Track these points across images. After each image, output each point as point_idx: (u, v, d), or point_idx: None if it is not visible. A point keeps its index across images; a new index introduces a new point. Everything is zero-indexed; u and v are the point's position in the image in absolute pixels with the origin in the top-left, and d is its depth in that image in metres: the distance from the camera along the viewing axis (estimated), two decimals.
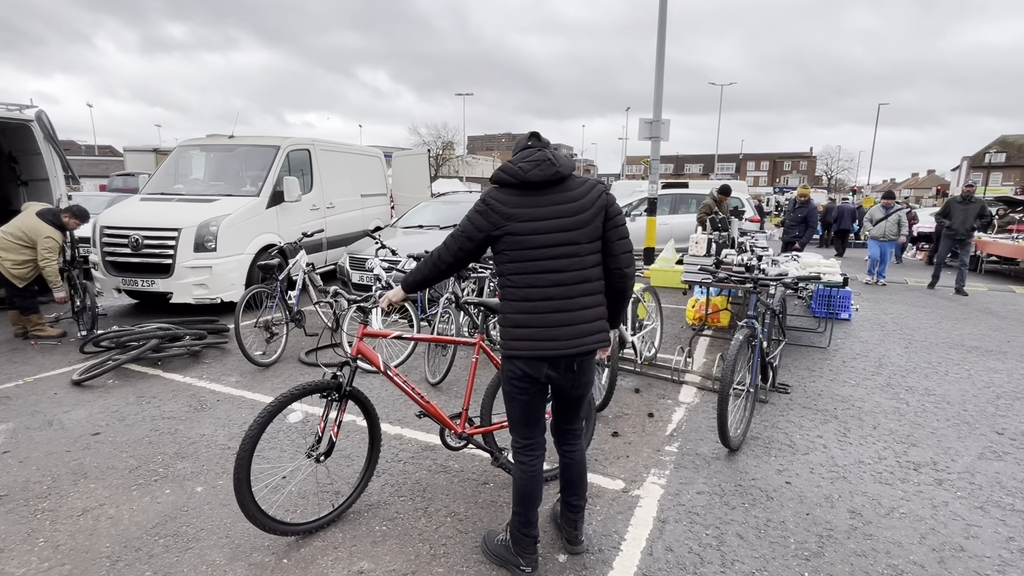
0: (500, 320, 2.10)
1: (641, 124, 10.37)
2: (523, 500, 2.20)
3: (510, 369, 2.09)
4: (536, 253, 2.00)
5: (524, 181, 2.01)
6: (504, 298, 2.08)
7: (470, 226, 2.07)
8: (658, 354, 5.07)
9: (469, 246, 2.10)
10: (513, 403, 2.16)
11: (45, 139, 7.23)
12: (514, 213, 2.00)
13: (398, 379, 2.55)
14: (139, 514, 2.62)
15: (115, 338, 4.96)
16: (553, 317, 2.02)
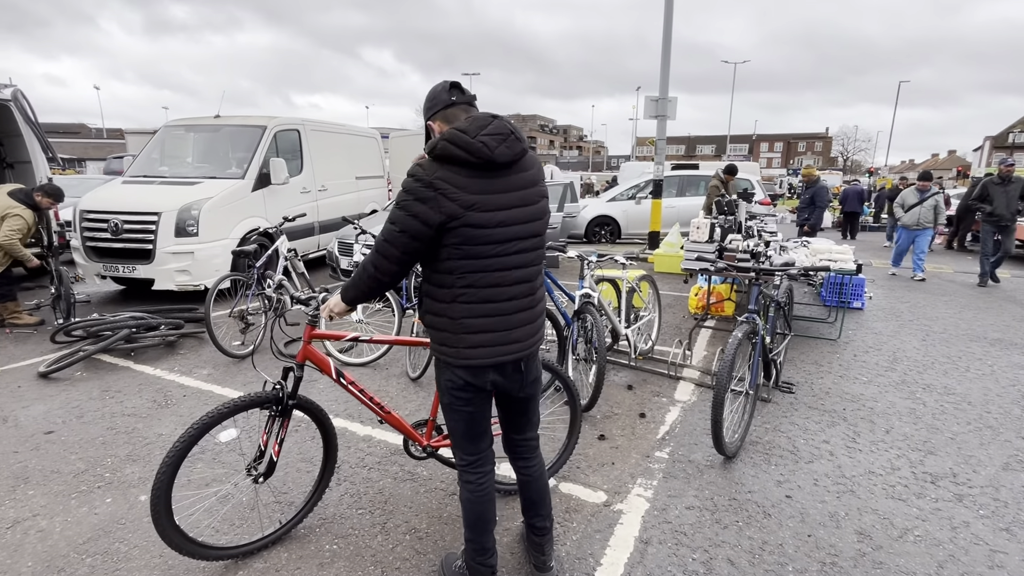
0: (442, 325, 1.74)
1: (647, 102, 9.90)
2: (475, 525, 1.93)
3: (450, 379, 1.78)
4: (500, 249, 1.67)
5: (490, 161, 1.61)
6: (454, 299, 1.69)
7: (414, 222, 1.61)
8: (655, 347, 4.77)
9: (417, 247, 1.65)
10: (455, 416, 1.86)
11: (24, 120, 7.00)
12: (475, 201, 1.61)
13: (353, 388, 2.27)
14: (72, 527, 2.41)
15: (87, 328, 4.76)
16: (517, 318, 1.76)
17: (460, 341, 1.72)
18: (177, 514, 2.02)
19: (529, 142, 1.74)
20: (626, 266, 4.23)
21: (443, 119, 1.73)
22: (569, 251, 3.88)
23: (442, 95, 1.73)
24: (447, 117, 1.73)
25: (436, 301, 1.74)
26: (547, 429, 3.30)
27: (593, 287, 3.82)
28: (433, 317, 1.76)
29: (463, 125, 1.64)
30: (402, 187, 1.66)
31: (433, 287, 1.74)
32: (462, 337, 1.72)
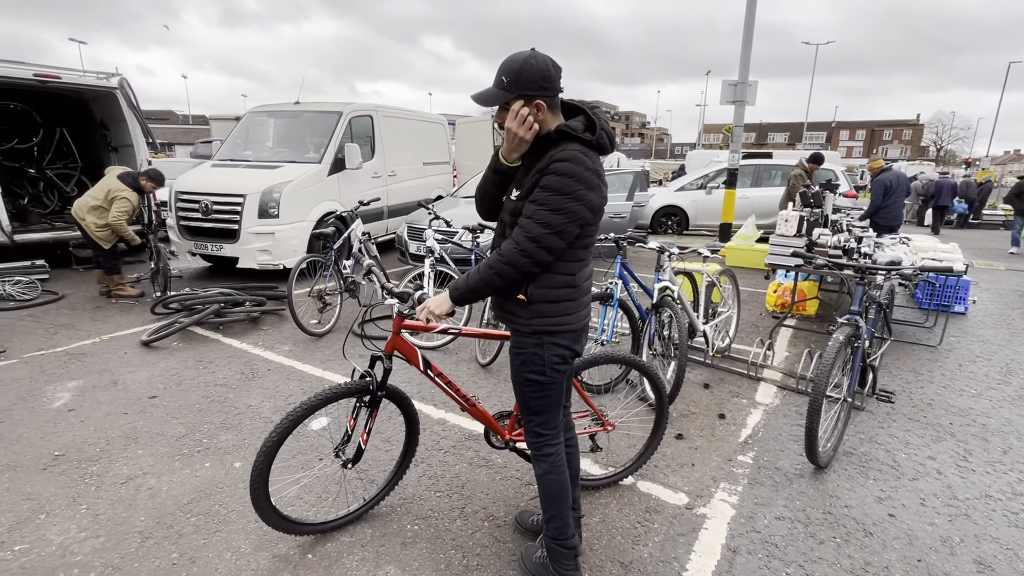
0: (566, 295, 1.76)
1: (724, 87, 9.39)
2: (558, 498, 1.93)
3: (558, 354, 1.80)
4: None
5: (613, 149, 1.79)
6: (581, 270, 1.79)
7: (584, 210, 1.62)
8: (732, 345, 4.55)
9: (575, 234, 1.67)
10: (553, 390, 1.86)
11: (128, 106, 7.55)
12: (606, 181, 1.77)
13: (440, 379, 2.25)
14: (177, 487, 2.59)
15: (182, 301, 5.11)
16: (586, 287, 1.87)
17: (579, 306, 1.81)
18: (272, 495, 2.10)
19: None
20: (707, 259, 4.04)
21: (551, 105, 1.69)
22: (650, 242, 3.74)
23: (557, 81, 1.67)
24: (554, 104, 1.71)
25: (564, 275, 1.75)
26: (621, 427, 3.21)
27: (673, 280, 3.67)
28: (553, 291, 1.75)
29: (598, 113, 1.74)
30: (564, 174, 1.59)
31: (560, 263, 1.72)
32: (581, 301, 1.82)
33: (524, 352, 1.82)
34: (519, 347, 1.83)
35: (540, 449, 1.93)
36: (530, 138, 1.68)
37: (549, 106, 1.67)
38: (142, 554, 2.15)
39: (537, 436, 1.93)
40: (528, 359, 1.82)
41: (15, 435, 3.04)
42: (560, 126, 1.66)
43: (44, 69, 6.89)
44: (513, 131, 1.65)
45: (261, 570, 2.07)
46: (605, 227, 6.94)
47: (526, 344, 1.81)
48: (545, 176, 1.61)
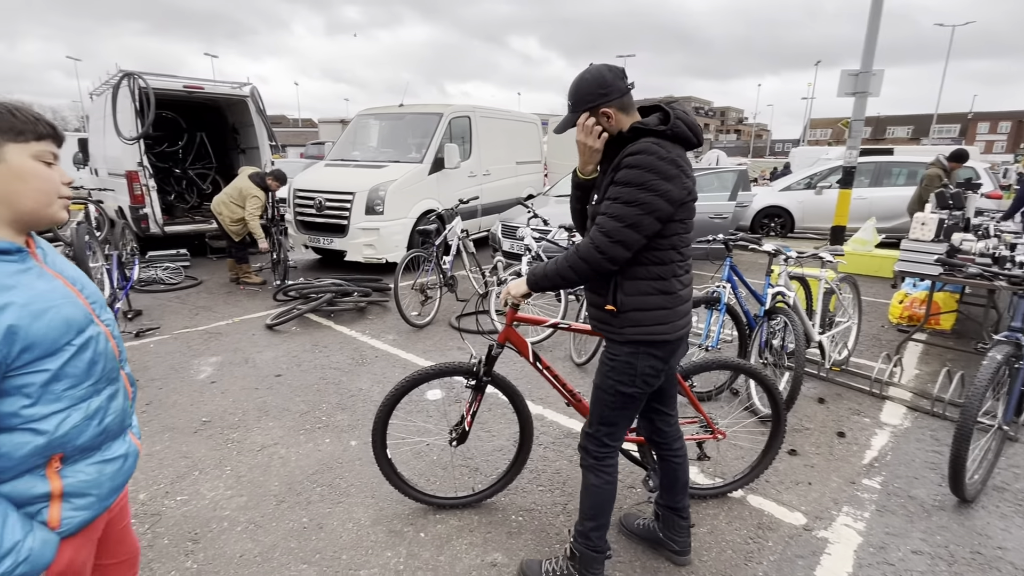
0: (657, 303, 1.71)
1: (843, 77, 8.60)
2: (606, 510, 1.92)
3: (652, 365, 1.76)
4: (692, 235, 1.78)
5: (699, 142, 1.72)
6: (674, 275, 1.73)
7: (661, 201, 1.55)
8: (851, 358, 4.18)
9: (656, 229, 1.60)
10: (633, 404, 1.84)
11: (256, 112, 8.38)
12: (693, 176, 1.70)
13: (548, 372, 2.30)
14: (303, 458, 2.84)
15: (299, 290, 5.58)
16: (683, 294, 1.79)
17: (675, 315, 1.75)
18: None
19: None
20: (826, 264, 3.73)
21: (620, 107, 1.68)
22: (765, 244, 3.53)
23: (618, 83, 1.67)
24: (623, 105, 1.70)
25: (652, 280, 1.70)
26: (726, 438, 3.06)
27: (789, 286, 3.44)
28: (643, 298, 1.71)
29: (677, 107, 1.70)
30: (635, 166, 1.57)
31: (650, 266, 1.69)
32: (677, 311, 1.75)
33: (616, 360, 1.78)
34: (612, 354, 1.80)
35: (601, 460, 1.89)
36: (599, 146, 1.71)
37: (619, 108, 1.67)
38: (278, 515, 2.38)
39: (602, 446, 1.89)
40: (619, 367, 1.78)
41: (171, 401, 3.49)
42: (634, 124, 1.66)
43: (191, 81, 7.82)
44: (581, 142, 1.72)
45: (379, 542, 2.22)
46: (706, 229, 6.64)
47: (619, 352, 1.78)
48: (618, 171, 1.62)
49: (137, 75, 6.96)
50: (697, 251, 6.75)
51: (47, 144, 1.04)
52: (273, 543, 2.20)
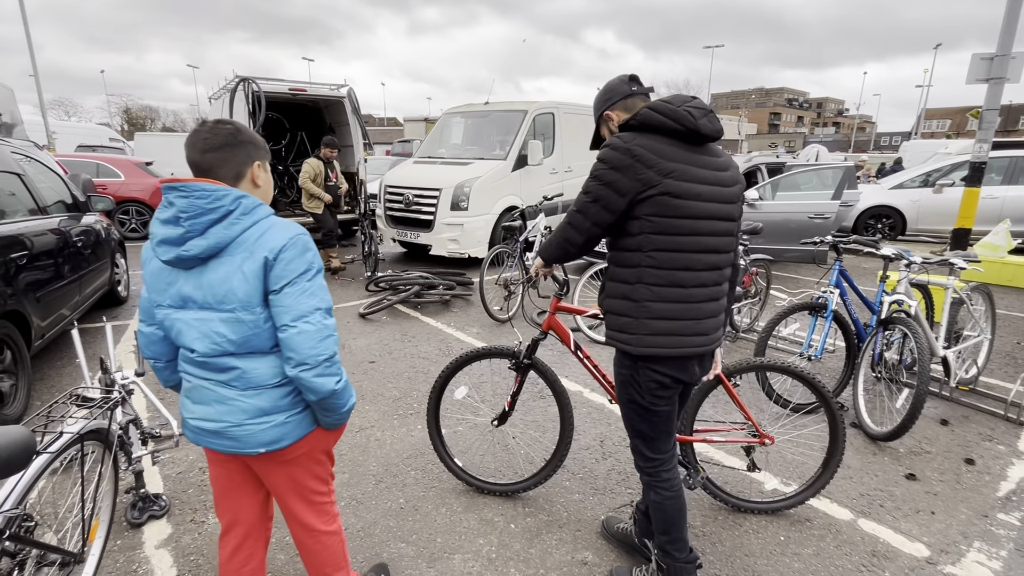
0: (622, 308, 1.63)
1: (974, 62, 7.67)
2: (676, 523, 1.81)
3: (654, 379, 1.65)
4: (694, 225, 1.57)
5: (694, 131, 1.55)
6: (639, 280, 1.60)
7: (607, 191, 1.55)
8: (980, 377, 3.74)
9: (607, 219, 1.59)
10: (654, 418, 1.74)
11: (352, 112, 8.86)
12: (674, 168, 1.53)
13: (588, 362, 2.32)
14: (398, 442, 2.98)
15: (389, 281, 5.86)
16: (707, 308, 1.64)
17: (642, 327, 1.61)
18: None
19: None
20: (955, 271, 3.36)
21: (623, 108, 1.70)
22: (884, 248, 3.24)
23: (621, 86, 1.71)
24: (627, 106, 1.70)
25: (619, 282, 1.65)
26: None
27: (910, 294, 3.13)
28: (613, 300, 1.66)
29: (665, 98, 1.61)
30: (598, 158, 1.60)
31: (617, 267, 1.66)
32: (644, 323, 1.60)
33: (620, 371, 1.74)
34: (618, 365, 1.75)
35: (653, 475, 1.81)
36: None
37: (622, 109, 1.71)
38: (376, 494, 2.52)
39: (646, 460, 1.83)
40: (625, 380, 1.72)
41: None
42: (620, 122, 1.66)
43: (295, 84, 8.41)
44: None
45: (472, 529, 2.29)
46: (806, 230, 6.19)
47: (623, 363, 1.71)
48: None
49: (251, 80, 7.59)
50: (796, 253, 6.42)
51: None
52: (374, 520, 2.34)
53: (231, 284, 1.28)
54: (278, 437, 1.37)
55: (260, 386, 1.35)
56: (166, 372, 1.50)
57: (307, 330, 1.29)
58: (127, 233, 9.40)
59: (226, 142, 1.33)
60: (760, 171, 7.72)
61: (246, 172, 1.37)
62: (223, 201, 1.28)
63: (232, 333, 1.31)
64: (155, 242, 1.30)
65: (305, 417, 1.41)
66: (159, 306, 1.37)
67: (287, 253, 1.29)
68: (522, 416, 3.29)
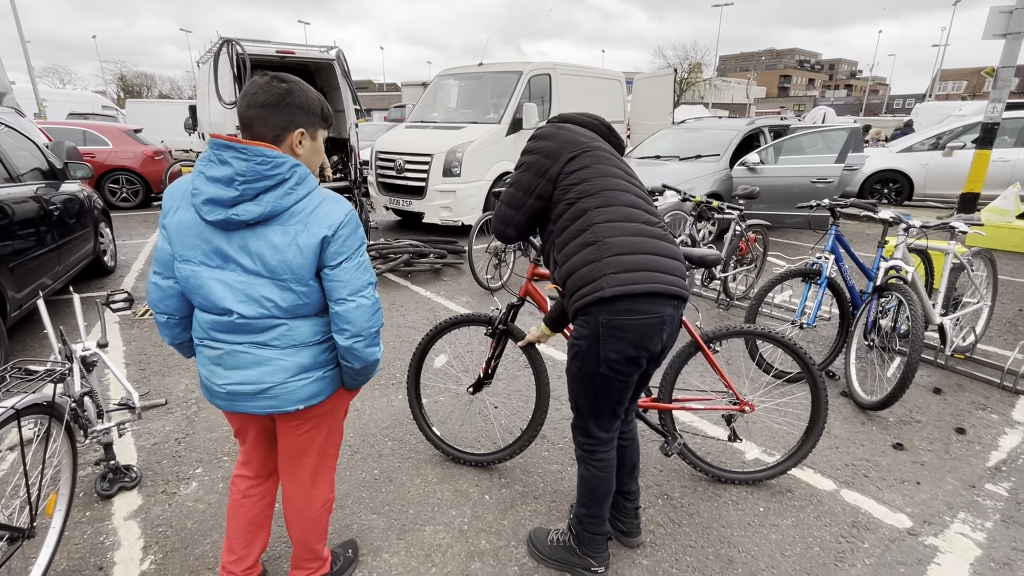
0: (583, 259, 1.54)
1: (992, 15, 7.29)
2: (600, 500, 1.77)
3: (617, 349, 1.52)
4: (626, 183, 1.63)
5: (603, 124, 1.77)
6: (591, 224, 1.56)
7: (536, 157, 1.64)
8: (978, 345, 3.64)
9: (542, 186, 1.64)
10: (604, 395, 1.62)
11: (342, 75, 8.57)
12: (594, 135, 1.70)
13: (567, 330, 2.21)
14: (377, 413, 2.94)
15: (379, 250, 5.75)
16: (662, 244, 1.58)
17: (607, 266, 1.50)
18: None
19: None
20: (957, 236, 3.21)
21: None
22: (882, 212, 3.10)
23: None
24: None
25: (572, 244, 1.57)
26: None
27: (908, 259, 3.01)
28: (572, 259, 1.56)
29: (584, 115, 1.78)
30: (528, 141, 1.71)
31: (566, 239, 1.59)
32: (609, 261, 1.50)
33: (578, 343, 1.59)
34: (575, 336, 1.61)
35: (589, 453, 1.74)
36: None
37: None
38: (352, 465, 2.48)
39: (586, 437, 1.73)
40: (581, 351, 1.59)
41: None
42: None
43: (283, 46, 8.11)
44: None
45: (445, 500, 2.25)
46: (807, 193, 6.00)
47: (581, 332, 1.58)
48: None
49: (235, 41, 7.31)
50: (796, 218, 6.23)
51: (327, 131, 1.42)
52: (346, 491, 2.30)
53: (285, 256, 1.28)
54: (316, 392, 1.42)
55: (302, 343, 1.37)
56: (176, 329, 1.47)
57: (364, 304, 1.35)
58: (118, 202, 9.29)
59: (271, 101, 1.28)
60: (763, 134, 7.47)
61: (286, 137, 1.31)
62: (280, 169, 1.26)
63: (283, 301, 1.32)
64: (201, 200, 1.25)
65: (337, 374, 1.46)
66: (186, 260, 1.32)
67: (344, 230, 1.31)
68: (505, 385, 3.23)
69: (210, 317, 1.35)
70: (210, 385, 1.42)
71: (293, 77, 1.31)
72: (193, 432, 2.72)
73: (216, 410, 2.91)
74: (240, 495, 1.65)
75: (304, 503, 1.61)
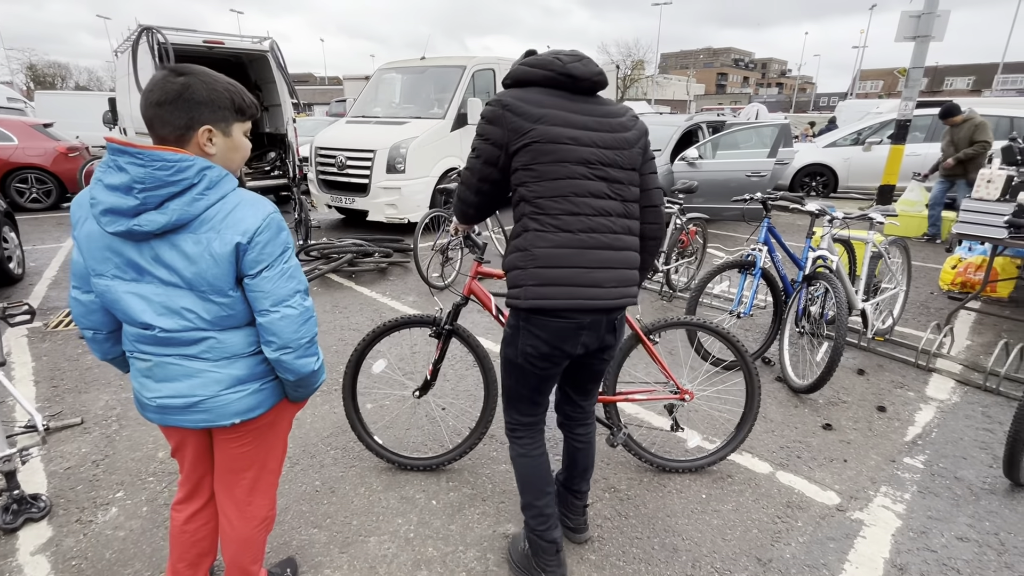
0: (513, 261, 1.54)
1: (903, 19, 7.82)
2: (533, 487, 1.76)
3: (532, 344, 1.56)
4: (574, 169, 1.49)
5: (564, 74, 1.50)
6: (525, 229, 1.52)
7: (486, 145, 1.53)
8: (896, 327, 3.91)
9: (491, 173, 1.56)
10: (527, 378, 1.65)
11: (277, 68, 8.18)
12: (545, 114, 1.48)
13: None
14: (319, 421, 2.82)
15: (321, 250, 5.54)
16: (596, 255, 1.51)
17: (530, 277, 1.50)
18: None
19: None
20: (875, 226, 3.43)
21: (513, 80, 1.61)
22: (808, 204, 3.25)
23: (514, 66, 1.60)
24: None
25: (514, 238, 1.57)
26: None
27: (832, 249, 3.18)
28: (509, 257, 1.57)
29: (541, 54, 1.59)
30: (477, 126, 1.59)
31: (514, 227, 1.58)
32: (532, 272, 1.50)
33: (506, 330, 1.66)
34: (506, 323, 1.67)
35: (511, 435, 1.78)
36: None
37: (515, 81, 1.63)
38: (291, 478, 2.37)
39: (509, 419, 1.78)
40: (506, 338, 1.65)
41: None
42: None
43: (211, 36, 7.65)
44: None
45: (391, 508, 2.18)
46: (742, 187, 6.26)
47: (510, 320, 1.63)
48: None
49: (156, 30, 6.83)
50: (731, 211, 6.49)
51: (251, 123, 1.29)
52: (285, 505, 2.19)
53: (199, 267, 1.19)
54: (253, 405, 1.34)
55: (235, 355, 1.30)
56: (106, 344, 1.37)
57: (290, 314, 1.26)
58: (27, 203, 8.50)
59: (167, 99, 1.15)
60: (701, 129, 7.72)
61: (190, 136, 1.19)
62: (187, 173, 1.15)
63: (206, 313, 1.24)
64: (99, 210, 1.15)
65: (278, 385, 1.39)
66: (99, 275, 1.22)
67: (262, 236, 1.21)
68: (453, 386, 3.18)
69: (135, 330, 1.26)
70: (141, 398, 1.33)
71: (195, 68, 1.19)
72: (113, 452, 2.52)
73: (140, 428, 2.70)
74: (181, 523, 1.54)
75: (241, 520, 1.51)
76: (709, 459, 2.39)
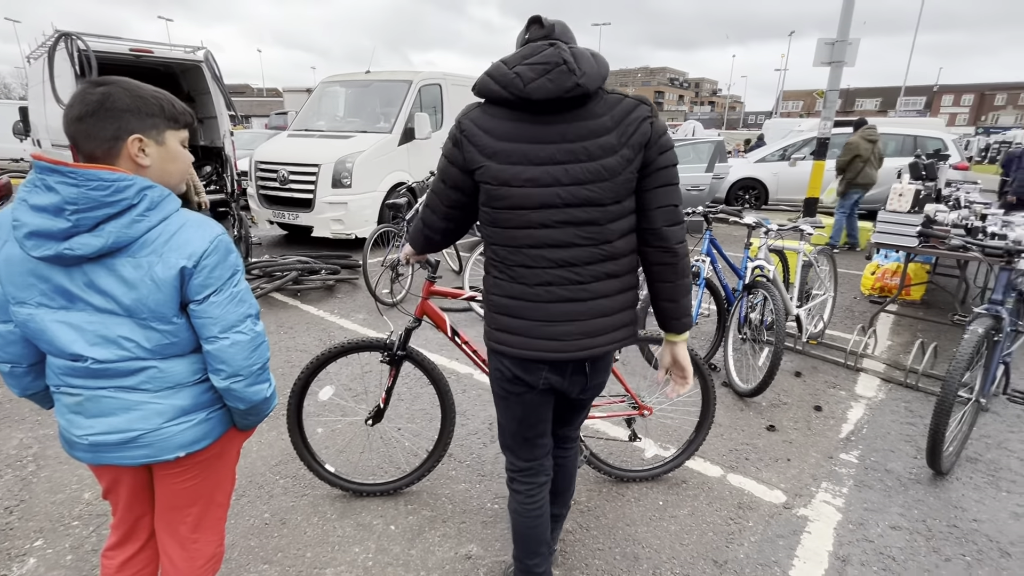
0: (483, 296, 1.50)
1: (819, 46, 8.51)
2: (524, 542, 1.64)
3: (498, 368, 1.49)
4: (531, 216, 1.31)
5: (520, 97, 1.26)
6: (487, 271, 1.46)
7: (449, 168, 1.39)
8: (826, 331, 4.19)
9: (458, 198, 1.41)
10: (505, 408, 1.56)
11: (212, 79, 7.84)
12: (497, 150, 1.30)
13: (467, 347, 2.21)
14: (266, 448, 2.67)
15: (263, 268, 5.31)
16: (555, 309, 1.37)
17: (491, 320, 1.45)
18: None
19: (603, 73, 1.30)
20: (805, 237, 3.67)
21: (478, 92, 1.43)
22: (746, 217, 3.44)
23: (520, 36, 1.39)
24: None
25: (485, 272, 1.49)
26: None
27: (769, 259, 3.37)
28: (482, 292, 1.52)
29: (510, 56, 1.32)
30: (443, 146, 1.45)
31: (486, 257, 1.48)
32: (491, 316, 1.45)
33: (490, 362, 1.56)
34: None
35: (510, 480, 1.64)
36: None
37: None
38: (237, 511, 2.23)
39: (510, 465, 1.64)
40: (490, 369, 1.55)
41: None
42: None
43: (139, 44, 7.23)
44: None
45: (347, 537, 2.10)
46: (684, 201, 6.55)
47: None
48: None
49: (76, 36, 6.38)
50: None
51: (187, 132, 1.22)
52: (232, 542, 2.06)
53: (140, 292, 1.11)
54: (199, 436, 1.25)
55: (179, 384, 1.21)
56: (26, 379, 1.25)
57: (240, 340, 1.19)
58: None
59: (87, 111, 1.07)
60: None
61: (119, 149, 1.10)
62: (125, 194, 1.07)
63: (147, 341, 1.15)
64: (23, 233, 1.05)
65: (225, 413, 1.30)
66: (21, 303, 1.12)
67: (210, 259, 1.14)
68: (408, 406, 3.11)
69: (62, 362, 1.15)
70: (70, 437, 1.21)
71: (116, 78, 1.12)
72: (30, 497, 2.28)
73: (62, 467, 2.47)
74: (114, 570, 1.40)
75: (185, 561, 1.40)
76: (667, 466, 2.45)
